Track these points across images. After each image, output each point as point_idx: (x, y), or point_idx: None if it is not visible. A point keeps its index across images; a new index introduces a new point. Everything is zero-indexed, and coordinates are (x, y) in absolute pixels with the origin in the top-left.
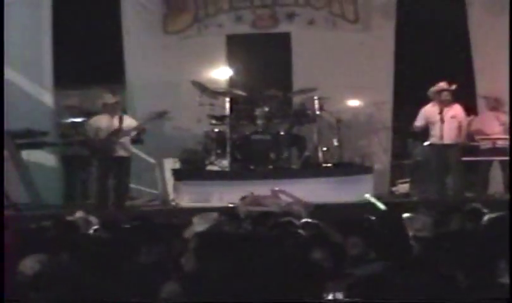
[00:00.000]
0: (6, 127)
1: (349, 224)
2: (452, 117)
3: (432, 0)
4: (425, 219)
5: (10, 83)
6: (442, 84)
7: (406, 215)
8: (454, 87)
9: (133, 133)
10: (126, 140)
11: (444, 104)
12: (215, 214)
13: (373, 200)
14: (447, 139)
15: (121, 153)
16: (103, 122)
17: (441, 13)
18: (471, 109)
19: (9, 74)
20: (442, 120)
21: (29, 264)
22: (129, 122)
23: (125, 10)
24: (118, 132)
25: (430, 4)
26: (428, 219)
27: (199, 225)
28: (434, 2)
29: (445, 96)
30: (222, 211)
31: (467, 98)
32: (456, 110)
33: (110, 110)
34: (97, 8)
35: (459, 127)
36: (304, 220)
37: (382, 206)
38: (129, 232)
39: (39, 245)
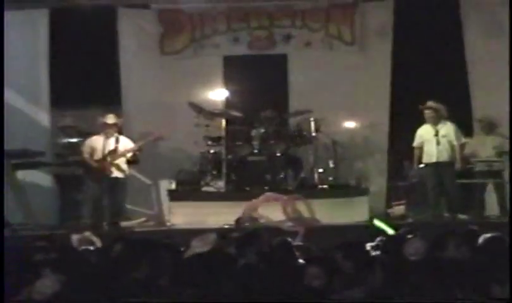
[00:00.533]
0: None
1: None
2: (444, 136)
3: (428, 22)
4: (418, 244)
5: (6, 103)
6: (429, 103)
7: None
8: (440, 106)
9: (129, 154)
10: (121, 161)
11: (435, 124)
12: (213, 236)
13: (381, 225)
14: (441, 158)
15: (116, 174)
16: (99, 142)
17: (438, 35)
18: (466, 131)
19: (5, 93)
20: (437, 141)
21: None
22: (125, 143)
23: (122, 30)
24: (114, 153)
25: (427, 26)
26: (422, 243)
27: (198, 248)
28: (431, 24)
29: (429, 113)
30: (218, 232)
31: (463, 119)
32: (449, 129)
33: (107, 130)
34: (94, 28)
35: (452, 147)
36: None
37: (390, 231)
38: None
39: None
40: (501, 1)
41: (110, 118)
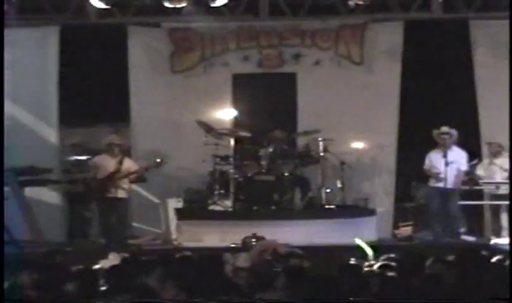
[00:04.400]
0: (9, 163)
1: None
2: (453, 162)
3: (438, 44)
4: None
5: (15, 120)
6: (444, 129)
7: None
8: (454, 132)
9: (132, 176)
10: (124, 182)
11: (446, 147)
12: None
13: (362, 244)
14: (449, 184)
15: (118, 194)
16: (104, 162)
17: (447, 57)
18: (475, 154)
19: (14, 110)
20: (446, 164)
21: None
22: (129, 164)
23: (132, 49)
24: (116, 174)
25: (437, 48)
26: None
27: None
28: (440, 46)
29: (442, 138)
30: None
31: (472, 142)
32: (458, 155)
33: (113, 150)
34: (104, 46)
35: (459, 172)
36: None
37: (370, 252)
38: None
39: None
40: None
41: (115, 139)
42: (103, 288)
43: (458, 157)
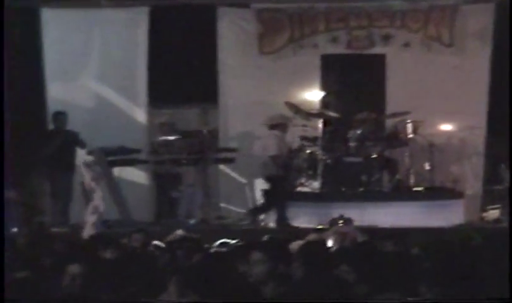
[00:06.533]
0: (99, 144)
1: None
2: None
3: None
4: None
5: (104, 100)
6: None
7: None
8: None
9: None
10: None
11: None
12: None
13: None
14: None
15: None
16: None
17: None
18: None
19: (103, 90)
20: None
21: None
22: None
23: (221, 29)
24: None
25: None
26: None
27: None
28: None
29: None
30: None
31: None
32: None
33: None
34: (193, 27)
35: None
36: None
37: None
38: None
39: None
40: None
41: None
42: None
43: None
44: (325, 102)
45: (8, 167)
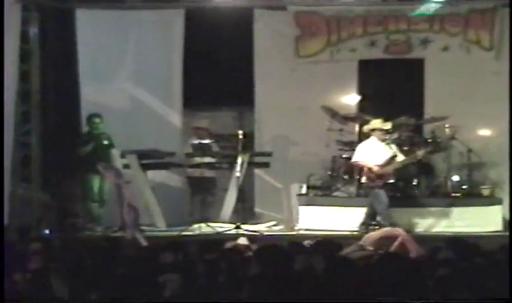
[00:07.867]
0: (133, 147)
1: None
2: None
3: None
4: None
5: (139, 102)
6: None
7: None
8: None
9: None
10: None
11: None
12: None
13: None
14: None
15: None
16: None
17: None
18: None
19: (138, 92)
20: None
21: None
22: None
23: (258, 33)
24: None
25: None
26: None
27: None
28: None
29: None
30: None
31: None
32: None
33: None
34: (230, 29)
35: None
36: None
37: None
38: None
39: None
40: None
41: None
42: None
43: None
44: (362, 106)
45: (41, 170)
